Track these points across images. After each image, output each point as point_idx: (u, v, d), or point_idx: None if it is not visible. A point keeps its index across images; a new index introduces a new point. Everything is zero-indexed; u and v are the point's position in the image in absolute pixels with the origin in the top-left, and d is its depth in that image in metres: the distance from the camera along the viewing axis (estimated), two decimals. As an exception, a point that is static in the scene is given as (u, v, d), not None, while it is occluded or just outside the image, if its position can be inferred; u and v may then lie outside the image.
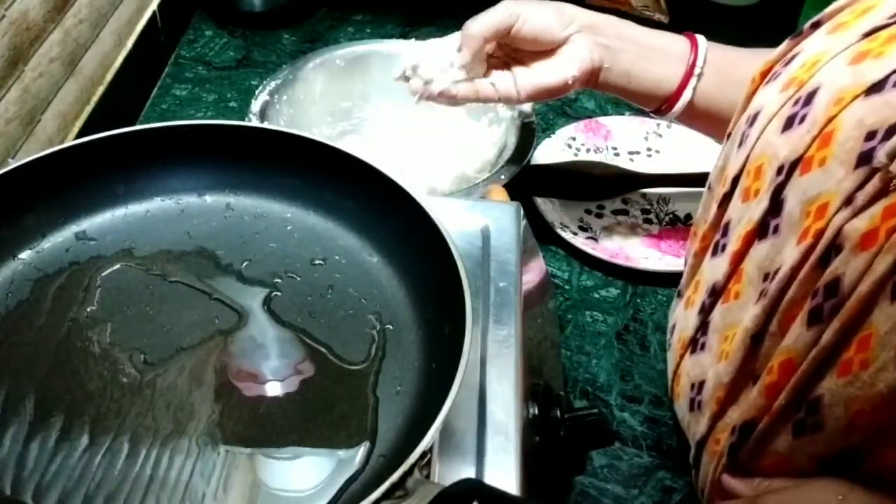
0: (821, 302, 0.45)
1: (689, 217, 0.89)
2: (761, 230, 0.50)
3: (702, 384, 0.56)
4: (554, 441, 0.55)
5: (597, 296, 0.81)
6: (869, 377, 0.43)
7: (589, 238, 0.85)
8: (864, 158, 0.43)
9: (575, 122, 0.98)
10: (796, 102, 0.49)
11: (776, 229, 0.49)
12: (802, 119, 0.48)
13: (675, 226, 0.88)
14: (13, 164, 0.55)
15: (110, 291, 0.54)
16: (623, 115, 1.01)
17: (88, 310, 0.53)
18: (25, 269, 0.55)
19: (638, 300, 0.81)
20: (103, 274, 0.55)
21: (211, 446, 0.47)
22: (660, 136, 0.97)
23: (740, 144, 0.55)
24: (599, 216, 0.88)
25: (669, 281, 0.82)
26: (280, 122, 0.85)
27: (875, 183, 0.43)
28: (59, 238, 0.57)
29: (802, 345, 0.46)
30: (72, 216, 0.57)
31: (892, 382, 0.42)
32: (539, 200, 0.87)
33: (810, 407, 0.46)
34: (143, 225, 0.58)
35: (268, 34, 1.12)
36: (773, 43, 0.57)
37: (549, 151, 0.92)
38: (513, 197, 0.79)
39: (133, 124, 0.96)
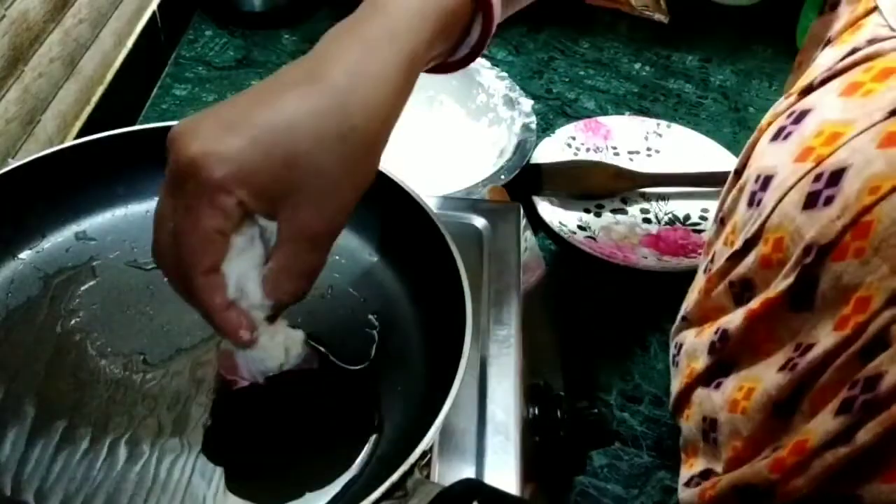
0: (856, 394, 0.44)
1: (687, 217, 0.89)
2: (791, 302, 0.49)
3: (714, 423, 0.56)
4: (554, 441, 0.55)
5: (597, 296, 0.81)
6: None
7: (588, 237, 0.85)
8: None
9: (575, 122, 0.98)
10: (818, 179, 0.47)
11: (811, 306, 0.48)
12: (828, 201, 0.46)
13: (674, 225, 0.88)
14: (13, 164, 0.55)
15: (110, 292, 0.54)
16: (623, 114, 1.01)
17: (89, 310, 0.53)
18: (25, 269, 0.55)
19: (638, 300, 0.81)
20: (103, 274, 0.55)
21: (211, 447, 0.47)
22: (659, 135, 0.98)
23: (751, 203, 0.53)
24: (598, 215, 0.88)
25: (670, 280, 0.82)
26: (280, 122, 0.85)
27: None
28: (59, 238, 0.57)
29: (824, 432, 0.45)
30: (72, 216, 0.57)
31: None
32: (538, 199, 0.87)
33: (849, 500, 0.45)
34: (143, 225, 0.58)
35: (268, 34, 1.12)
36: (774, 42, 0.57)
37: (548, 151, 0.92)
38: (513, 197, 0.79)
39: (133, 124, 0.96)
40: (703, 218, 0.89)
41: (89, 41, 0.86)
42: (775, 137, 0.53)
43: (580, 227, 0.86)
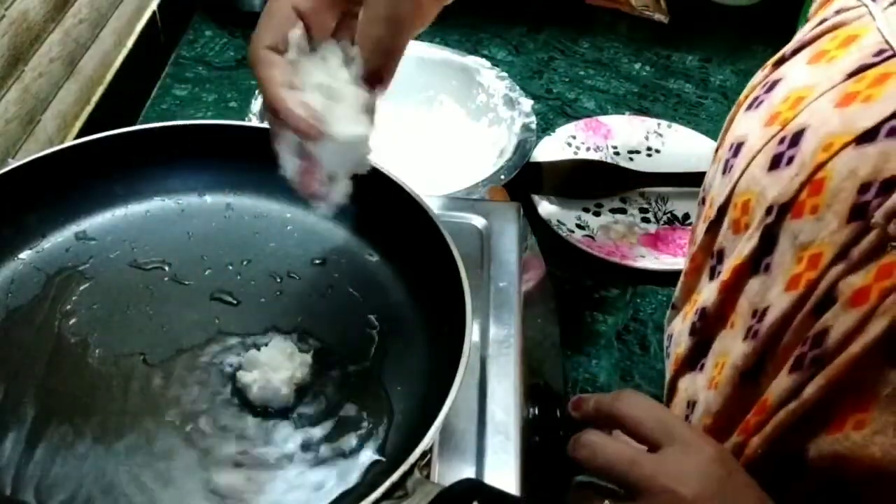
0: (805, 351, 0.44)
1: (686, 217, 0.89)
2: (753, 266, 0.50)
3: (694, 405, 0.56)
4: (554, 441, 0.55)
5: (597, 296, 0.81)
6: (862, 438, 0.42)
7: (586, 236, 0.85)
8: (858, 211, 0.43)
9: (575, 121, 0.98)
10: (781, 141, 0.49)
11: (767, 268, 0.49)
12: (790, 161, 0.48)
13: (673, 225, 0.88)
14: (13, 164, 0.55)
15: (110, 292, 0.54)
16: (623, 114, 1.01)
17: (89, 310, 0.53)
18: (25, 269, 0.55)
19: (638, 300, 0.81)
20: (103, 274, 0.55)
21: (212, 446, 0.47)
22: (660, 135, 0.98)
23: (724, 171, 0.55)
24: (597, 214, 0.88)
25: (669, 280, 0.82)
26: (280, 122, 0.85)
27: (871, 239, 0.42)
28: (59, 238, 0.57)
29: (779, 389, 0.46)
30: (72, 216, 0.57)
31: (888, 447, 0.41)
32: (537, 198, 0.87)
33: (794, 460, 0.46)
34: (143, 225, 0.58)
35: (268, 34, 1.12)
36: (774, 43, 0.57)
37: (548, 149, 0.92)
38: (512, 196, 0.79)
39: (133, 124, 0.96)
40: (702, 218, 0.89)
41: (89, 41, 0.86)
42: (749, 107, 0.54)
43: (578, 226, 0.86)
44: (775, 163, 0.49)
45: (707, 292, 0.55)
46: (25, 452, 0.46)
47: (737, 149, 0.53)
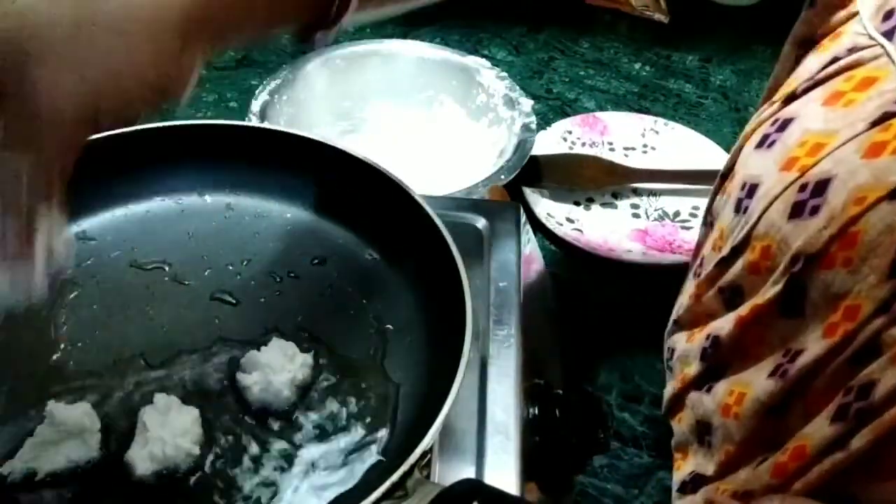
0: (850, 401, 0.44)
1: (677, 213, 0.89)
2: (782, 308, 0.50)
3: (708, 426, 0.56)
4: (554, 441, 0.55)
5: (597, 296, 0.81)
6: None
7: (574, 230, 0.85)
8: None
9: (572, 117, 0.98)
10: (802, 189, 0.48)
11: (801, 312, 0.48)
12: (814, 210, 0.47)
13: (663, 221, 0.88)
14: (13, 164, 0.55)
15: (110, 291, 0.54)
16: (621, 112, 1.01)
17: (89, 310, 0.53)
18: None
19: (638, 300, 0.81)
20: (103, 274, 0.55)
21: (212, 445, 0.47)
22: (657, 133, 0.98)
23: (737, 210, 0.54)
24: (588, 208, 0.89)
25: (669, 279, 0.82)
26: (280, 122, 0.85)
27: None
28: (59, 238, 0.57)
29: (820, 437, 0.46)
30: (72, 216, 0.57)
31: None
32: (528, 191, 0.87)
33: (847, 500, 0.46)
34: (143, 225, 0.58)
35: (268, 34, 1.12)
36: (774, 42, 0.57)
37: (543, 144, 0.92)
38: (511, 195, 0.79)
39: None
40: (692, 215, 0.89)
41: (89, 41, 0.86)
42: (760, 145, 0.54)
43: (568, 220, 0.86)
44: (797, 210, 0.48)
45: (721, 322, 0.55)
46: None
47: (751, 190, 0.53)
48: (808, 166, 0.48)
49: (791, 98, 0.54)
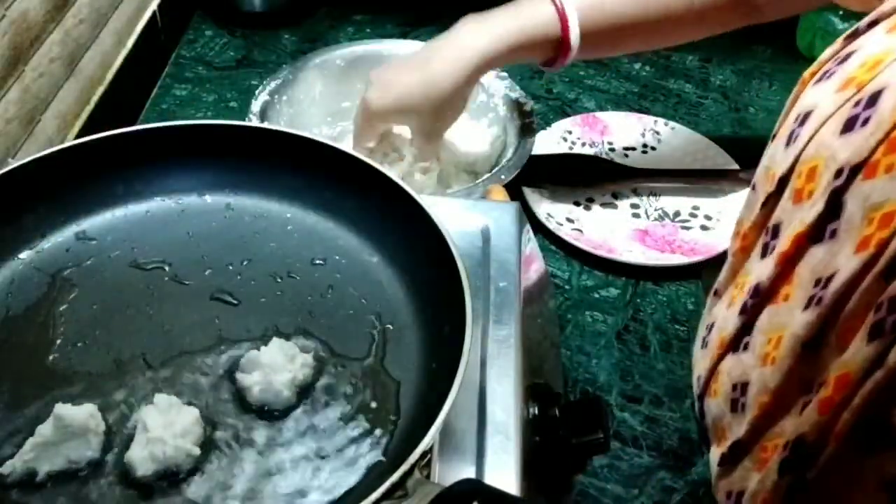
0: (884, 316, 0.43)
1: (677, 213, 0.89)
2: (816, 233, 0.48)
3: (745, 386, 0.54)
4: (554, 441, 0.55)
5: (597, 296, 0.81)
6: None
7: (574, 230, 0.85)
8: None
9: (572, 117, 0.98)
10: (857, 104, 0.47)
11: (833, 234, 0.47)
12: (865, 122, 0.46)
13: (663, 221, 0.88)
14: (13, 164, 0.55)
15: (110, 292, 0.54)
16: (621, 112, 1.01)
17: (89, 310, 0.53)
18: (25, 269, 0.55)
19: (638, 300, 0.81)
20: (103, 274, 0.55)
21: (212, 445, 0.47)
22: (657, 133, 0.98)
23: (788, 144, 0.53)
24: (588, 209, 0.89)
25: (670, 281, 0.82)
26: (280, 122, 0.85)
27: None
28: (60, 238, 0.57)
29: (861, 360, 0.44)
30: (72, 216, 0.57)
31: None
32: (528, 191, 0.87)
33: (882, 428, 0.44)
34: (143, 225, 0.58)
35: (268, 34, 1.12)
36: (774, 42, 0.57)
37: (543, 144, 0.92)
38: (511, 194, 0.79)
39: (133, 124, 0.95)
40: (692, 215, 0.89)
41: (89, 41, 0.86)
42: (819, 80, 0.53)
43: (568, 220, 0.86)
44: (849, 125, 0.47)
45: (761, 268, 0.54)
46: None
47: (804, 118, 0.51)
48: (864, 82, 0.47)
49: (854, 35, 0.52)
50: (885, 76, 0.46)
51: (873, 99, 0.46)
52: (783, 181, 0.52)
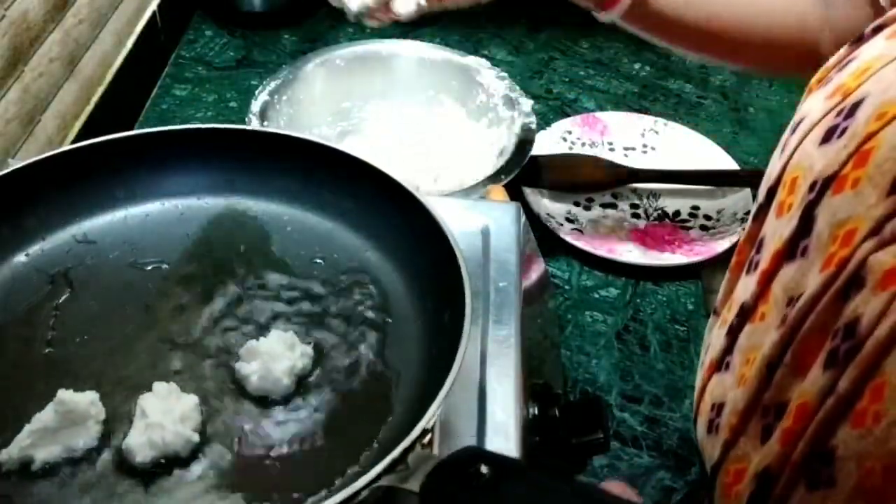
0: (838, 344, 0.41)
1: (677, 213, 0.89)
2: (790, 251, 0.46)
3: (721, 407, 0.53)
4: (554, 441, 0.55)
5: (597, 296, 0.81)
6: (881, 432, 0.37)
7: (574, 230, 0.85)
8: None
9: (572, 117, 0.98)
10: (839, 113, 0.45)
11: (804, 251, 0.45)
12: (842, 132, 0.44)
13: (663, 221, 0.88)
14: (14, 166, 0.55)
15: (110, 293, 0.54)
16: (621, 112, 1.01)
17: (89, 311, 0.53)
18: (25, 270, 0.55)
19: (638, 300, 0.81)
20: (103, 275, 0.55)
21: (214, 444, 0.47)
22: (656, 133, 0.98)
23: (781, 153, 0.51)
24: (588, 209, 0.89)
25: (669, 278, 0.82)
26: (280, 123, 0.85)
27: None
28: (59, 240, 0.57)
29: (817, 389, 0.42)
30: (72, 218, 0.57)
31: None
32: (528, 191, 0.87)
33: (824, 458, 0.41)
34: (142, 227, 0.58)
35: (268, 34, 1.12)
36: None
37: (543, 144, 0.93)
38: (511, 194, 0.79)
39: (133, 124, 0.96)
40: (692, 215, 0.89)
41: (89, 41, 0.86)
42: (820, 87, 0.51)
43: (568, 220, 0.86)
44: (828, 136, 0.45)
45: (745, 286, 0.52)
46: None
47: (796, 126, 0.50)
48: (851, 90, 0.45)
49: (858, 41, 0.51)
50: (867, 85, 0.44)
51: (853, 109, 0.44)
52: (771, 192, 0.51)
